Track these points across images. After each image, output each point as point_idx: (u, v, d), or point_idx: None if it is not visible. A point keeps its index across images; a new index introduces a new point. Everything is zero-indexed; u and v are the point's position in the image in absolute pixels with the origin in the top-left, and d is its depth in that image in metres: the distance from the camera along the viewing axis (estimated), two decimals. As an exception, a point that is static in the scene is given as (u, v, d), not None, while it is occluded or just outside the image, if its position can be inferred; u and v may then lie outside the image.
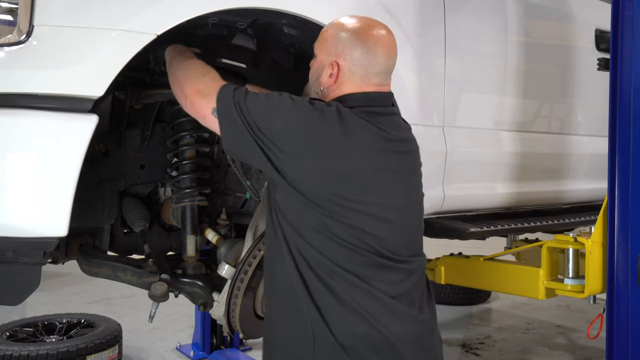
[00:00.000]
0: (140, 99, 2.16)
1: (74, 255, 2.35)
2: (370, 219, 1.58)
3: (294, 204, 1.57)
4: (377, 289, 1.58)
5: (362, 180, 1.58)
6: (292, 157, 1.54)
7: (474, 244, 3.06)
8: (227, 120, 1.57)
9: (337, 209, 1.55)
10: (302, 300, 1.58)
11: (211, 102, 1.60)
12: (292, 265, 1.59)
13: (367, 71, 1.64)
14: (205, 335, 4.27)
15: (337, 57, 1.64)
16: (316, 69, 1.71)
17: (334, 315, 1.56)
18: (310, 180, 1.54)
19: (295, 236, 1.58)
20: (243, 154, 1.62)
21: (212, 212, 2.59)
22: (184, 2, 1.68)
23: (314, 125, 1.55)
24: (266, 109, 1.56)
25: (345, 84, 1.65)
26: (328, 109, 1.57)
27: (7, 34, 1.51)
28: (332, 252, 1.56)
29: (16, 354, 3.26)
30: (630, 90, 2.11)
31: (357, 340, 1.56)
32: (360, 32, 1.64)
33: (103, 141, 2.33)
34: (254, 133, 1.54)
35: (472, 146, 2.55)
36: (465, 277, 3.06)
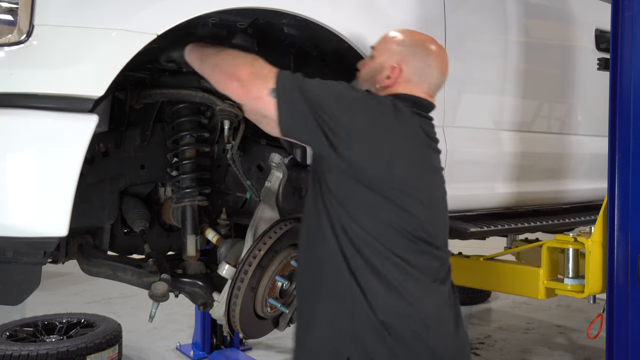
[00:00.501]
0: (140, 99, 2.16)
1: (74, 255, 2.35)
2: (418, 204, 1.69)
3: (348, 184, 1.65)
4: (419, 271, 1.69)
5: (414, 166, 1.71)
6: (352, 138, 1.61)
7: (474, 244, 3.06)
8: (287, 101, 1.62)
9: (390, 191, 1.65)
10: (343, 278, 1.66)
11: (268, 83, 1.64)
12: (335, 244, 1.67)
13: (422, 81, 1.80)
14: (205, 335, 4.27)
15: (400, 62, 1.79)
16: (372, 68, 1.83)
17: (376, 293, 1.64)
18: (368, 161, 1.64)
19: (343, 216, 1.66)
20: (300, 134, 1.68)
21: (212, 212, 2.59)
22: (184, 2, 1.68)
23: (373, 110, 1.66)
24: (328, 91, 1.65)
25: (399, 86, 1.79)
26: (383, 98, 1.71)
27: (7, 33, 1.51)
28: (380, 233, 1.65)
29: (16, 353, 3.26)
30: (630, 90, 2.11)
31: (396, 319, 1.65)
32: (424, 46, 1.83)
33: (103, 141, 2.33)
34: (316, 113, 1.60)
35: (472, 146, 2.55)
36: (465, 277, 3.06)
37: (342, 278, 1.67)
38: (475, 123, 2.57)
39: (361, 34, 2.02)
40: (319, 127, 1.61)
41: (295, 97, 1.62)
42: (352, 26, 2.01)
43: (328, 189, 1.69)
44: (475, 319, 5.34)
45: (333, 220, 1.68)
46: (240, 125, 2.30)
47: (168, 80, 2.22)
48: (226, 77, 1.75)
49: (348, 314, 1.66)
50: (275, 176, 2.37)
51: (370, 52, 1.88)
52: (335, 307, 1.69)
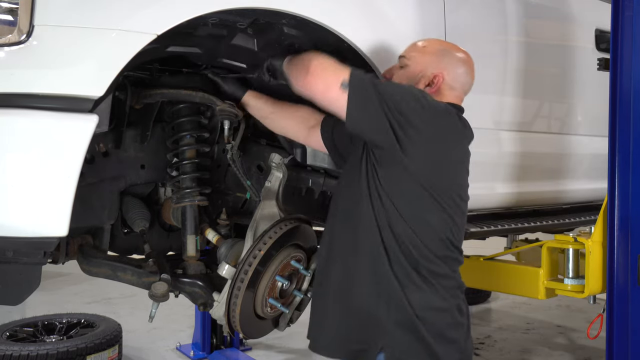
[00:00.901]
0: (140, 99, 2.16)
1: (74, 255, 2.35)
2: (458, 209, 1.79)
3: (404, 181, 1.70)
4: (451, 274, 1.79)
5: (459, 173, 1.83)
6: (421, 136, 1.68)
7: (474, 244, 3.06)
8: (360, 95, 1.67)
9: (444, 196, 1.73)
10: (382, 272, 1.72)
11: (339, 75, 1.70)
12: (378, 237, 1.73)
13: (462, 88, 1.91)
14: (205, 335, 4.27)
15: (442, 70, 1.86)
16: (410, 78, 1.87)
17: (413, 288, 1.71)
18: (430, 161, 1.71)
19: (391, 212, 1.71)
20: (368, 129, 1.71)
21: (212, 212, 2.59)
22: (184, 2, 1.68)
23: (444, 114, 1.75)
24: (401, 90, 1.72)
25: (444, 94, 1.87)
26: (449, 107, 1.80)
27: (7, 34, 1.51)
28: (424, 233, 1.72)
29: (16, 354, 3.26)
30: (630, 90, 2.11)
31: (431, 313, 1.72)
32: (461, 54, 1.92)
33: (103, 141, 2.33)
34: (389, 109, 1.65)
35: (471, 146, 2.54)
36: (465, 277, 3.04)
37: (382, 271, 1.72)
38: (474, 123, 2.56)
39: (361, 34, 2.02)
40: (390, 125, 1.65)
41: (370, 92, 1.67)
42: (352, 26, 2.00)
43: (379, 182, 1.72)
44: (475, 319, 5.34)
45: (378, 214, 1.72)
46: (240, 125, 2.30)
47: (168, 80, 2.22)
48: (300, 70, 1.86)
49: (385, 306, 1.72)
50: (275, 176, 2.37)
51: (401, 61, 1.92)
52: (372, 298, 1.74)
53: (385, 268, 1.71)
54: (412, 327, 1.70)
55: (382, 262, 1.72)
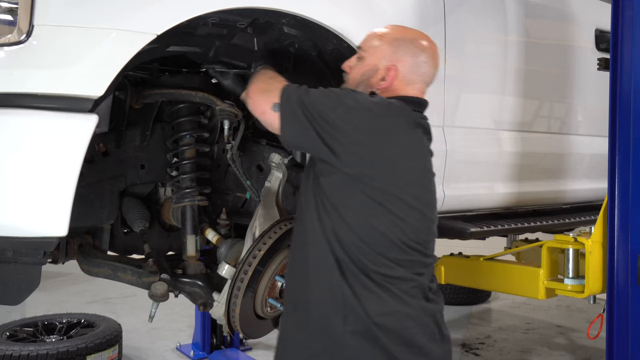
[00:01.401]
0: (140, 98, 2.16)
1: (74, 255, 2.35)
2: (412, 210, 1.69)
3: (344, 189, 1.65)
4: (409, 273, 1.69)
5: (410, 172, 1.70)
6: (350, 142, 1.62)
7: (474, 244, 3.06)
8: (288, 114, 1.67)
9: (387, 197, 1.64)
10: (334, 283, 1.67)
11: (271, 98, 1.70)
12: (327, 249, 1.67)
13: (418, 78, 1.79)
14: (205, 335, 4.27)
15: (395, 62, 1.76)
16: (365, 71, 1.80)
17: (368, 296, 1.64)
18: (366, 166, 1.64)
19: (336, 221, 1.66)
20: (302, 144, 1.73)
21: (212, 212, 2.59)
22: (184, 2, 1.68)
23: (374, 115, 1.65)
24: (328, 98, 1.67)
25: (398, 87, 1.77)
26: (387, 101, 1.70)
27: (7, 33, 1.51)
28: (373, 239, 1.65)
29: (16, 354, 3.26)
30: (630, 90, 2.11)
31: (389, 319, 1.65)
32: (416, 43, 1.79)
33: (103, 141, 2.33)
34: (315, 122, 1.63)
35: (472, 146, 2.55)
36: (465, 277, 3.06)
37: (334, 282, 1.66)
38: (475, 123, 2.57)
39: (361, 34, 2.02)
40: (319, 136, 1.63)
41: (296, 109, 1.65)
42: (351, 26, 2.00)
43: (323, 193, 1.68)
44: (475, 319, 5.34)
45: (325, 224, 1.68)
46: (240, 125, 2.30)
47: (168, 80, 2.22)
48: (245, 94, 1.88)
49: (340, 318, 1.66)
50: (275, 176, 2.37)
51: (359, 52, 1.84)
52: (327, 311, 1.68)
53: (337, 278, 1.66)
54: (370, 335, 1.64)
55: (334, 273, 1.66)
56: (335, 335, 1.67)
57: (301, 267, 1.78)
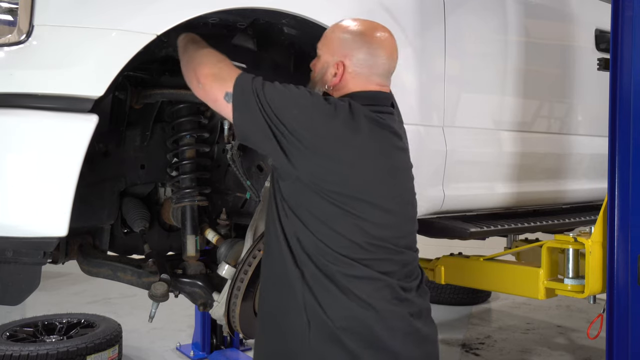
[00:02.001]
0: (140, 99, 2.16)
1: (74, 255, 2.35)
2: (375, 209, 1.64)
3: (300, 192, 1.62)
4: (376, 276, 1.64)
5: (369, 172, 1.65)
6: (304, 146, 1.57)
7: (474, 244, 3.06)
8: (243, 105, 1.60)
9: (344, 199, 1.60)
10: (297, 288, 1.63)
11: (225, 87, 1.63)
12: (289, 254, 1.64)
13: (370, 71, 1.71)
14: (205, 335, 4.27)
15: (343, 57, 1.71)
16: (320, 68, 1.76)
17: (332, 300, 1.61)
18: (321, 169, 1.60)
19: (296, 225, 1.63)
20: (254, 139, 1.66)
21: (212, 212, 2.59)
22: (184, 2, 1.68)
23: (329, 117, 1.60)
24: (284, 97, 1.61)
25: (349, 83, 1.72)
26: (341, 103, 1.63)
27: (7, 34, 1.51)
28: (334, 241, 1.61)
29: (16, 354, 3.26)
30: (630, 90, 2.11)
31: (354, 322, 1.61)
32: (364, 35, 1.72)
33: (103, 141, 2.33)
34: (270, 119, 1.57)
35: (472, 146, 2.55)
36: (465, 277, 3.06)
37: (296, 286, 1.64)
38: (475, 123, 2.57)
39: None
40: (272, 133, 1.58)
41: (251, 104, 1.59)
42: (352, 26, 2.00)
43: (282, 197, 1.65)
44: (475, 319, 5.34)
45: (286, 228, 1.65)
46: (240, 125, 2.30)
47: (168, 80, 2.22)
48: (191, 74, 1.74)
49: (304, 323, 1.63)
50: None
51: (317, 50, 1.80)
52: (291, 317, 1.66)
53: (299, 283, 1.63)
54: (336, 340, 1.60)
55: (296, 278, 1.63)
56: (300, 340, 1.64)
57: (268, 273, 1.75)
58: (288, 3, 1.85)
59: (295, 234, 1.64)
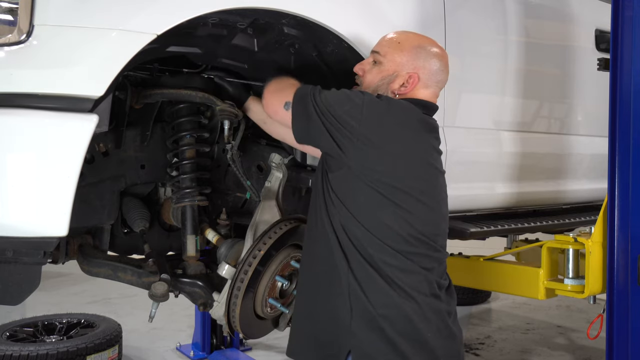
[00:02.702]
0: (140, 98, 2.16)
1: (74, 255, 2.35)
2: (419, 204, 1.73)
3: (350, 182, 1.71)
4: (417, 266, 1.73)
5: (417, 168, 1.76)
6: (355, 137, 1.67)
7: (474, 244, 3.06)
8: (300, 111, 1.75)
9: (392, 190, 1.70)
10: (342, 274, 1.72)
11: (284, 98, 1.83)
12: (335, 241, 1.73)
13: (436, 85, 1.87)
14: (205, 335, 4.27)
15: (417, 69, 1.82)
16: (385, 76, 1.84)
17: (374, 287, 1.69)
18: (371, 159, 1.69)
19: (343, 214, 1.72)
20: (311, 138, 1.78)
21: (212, 212, 2.59)
22: (184, 2, 1.68)
23: (381, 111, 1.71)
24: (337, 95, 1.75)
25: (416, 92, 1.84)
26: (394, 100, 1.77)
27: (7, 33, 1.51)
28: (380, 230, 1.70)
29: (16, 354, 3.26)
30: (630, 90, 2.11)
31: (394, 310, 1.69)
32: (432, 50, 1.86)
33: (103, 141, 2.33)
34: (324, 116, 1.70)
35: (472, 146, 2.55)
36: (465, 277, 3.06)
37: (341, 273, 1.72)
38: (475, 123, 2.57)
39: (361, 34, 2.02)
40: (327, 130, 1.70)
41: (307, 105, 1.73)
42: (351, 26, 2.01)
43: (330, 187, 1.74)
44: (475, 319, 5.34)
45: (333, 217, 1.74)
46: (240, 125, 2.30)
47: (168, 80, 2.22)
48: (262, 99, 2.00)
49: (347, 308, 1.71)
50: (275, 176, 2.37)
51: (374, 56, 1.87)
52: (334, 302, 1.74)
53: (344, 270, 1.71)
54: (376, 327, 1.68)
55: (341, 264, 1.72)
56: (342, 325, 1.72)
57: (311, 260, 1.85)
58: (288, 3, 1.85)
59: (342, 223, 1.72)
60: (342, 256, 1.72)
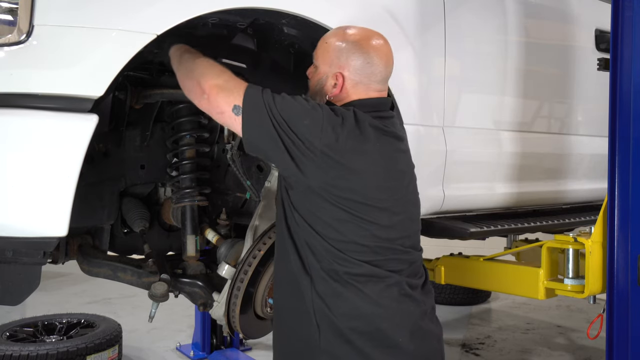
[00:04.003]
0: (140, 99, 2.16)
1: (74, 255, 2.35)
2: (383, 213, 1.68)
3: (311, 200, 1.65)
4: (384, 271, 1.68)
5: (378, 178, 1.68)
6: (316, 155, 1.60)
7: (474, 244, 3.06)
8: (253, 118, 1.62)
9: (354, 205, 1.64)
10: (306, 294, 1.68)
11: (232, 99, 1.63)
12: (298, 261, 1.69)
13: (369, 80, 1.75)
14: (205, 335, 4.27)
15: (341, 68, 1.74)
16: (319, 79, 1.79)
17: (339, 302, 1.65)
18: (331, 177, 1.62)
19: (306, 230, 1.67)
20: (264, 150, 1.67)
21: (212, 212, 2.59)
22: (184, 2, 1.68)
23: (338, 127, 1.62)
24: (295, 108, 1.63)
25: (350, 92, 1.75)
26: (347, 113, 1.66)
27: (7, 34, 1.51)
28: (344, 244, 1.65)
29: (16, 354, 3.26)
30: (630, 90, 2.11)
31: (362, 321, 1.65)
32: (360, 43, 1.74)
33: (103, 141, 2.33)
34: (282, 130, 1.60)
35: (472, 146, 2.55)
36: (465, 277, 3.06)
37: (305, 292, 1.68)
38: (475, 123, 2.57)
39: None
40: (283, 143, 1.60)
41: (263, 116, 1.60)
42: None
43: (292, 205, 1.69)
44: (475, 319, 5.34)
45: (297, 236, 1.69)
46: (240, 125, 2.30)
47: (168, 80, 2.22)
48: (192, 85, 1.73)
49: (314, 326, 1.67)
50: (275, 176, 2.37)
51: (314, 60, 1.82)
52: (301, 321, 1.70)
53: (307, 289, 1.68)
54: (345, 340, 1.64)
55: (304, 284, 1.68)
56: (311, 343, 1.68)
57: (280, 278, 1.81)
58: (288, 3, 1.85)
59: (305, 239, 1.67)
60: (305, 275, 1.68)
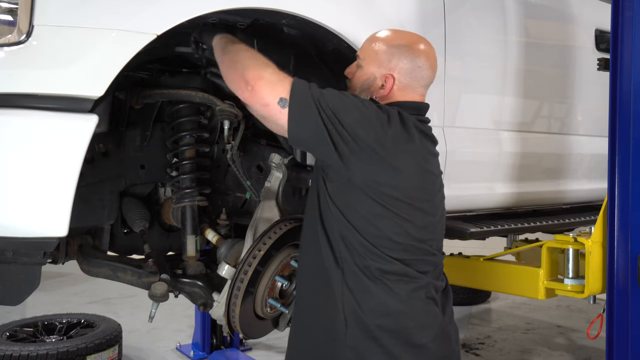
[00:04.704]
0: (140, 99, 2.16)
1: (74, 255, 2.35)
2: (418, 212, 1.71)
3: (351, 193, 1.66)
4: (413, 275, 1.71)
5: (417, 178, 1.72)
6: (362, 149, 1.61)
7: (474, 244, 3.06)
8: (301, 110, 1.62)
9: (394, 202, 1.66)
10: (335, 286, 1.69)
11: (278, 92, 1.63)
12: (330, 253, 1.70)
13: (417, 83, 1.79)
14: (205, 335, 4.27)
15: (391, 70, 1.77)
16: (366, 79, 1.81)
17: (369, 296, 1.67)
18: (375, 172, 1.64)
19: (342, 223, 1.68)
20: (309, 143, 1.68)
21: (212, 212, 2.59)
22: (184, 2, 1.68)
23: (384, 123, 1.65)
24: (344, 101, 1.65)
25: (396, 94, 1.79)
26: (392, 111, 1.70)
27: (7, 34, 1.51)
28: (379, 240, 1.67)
29: (16, 354, 3.27)
30: (630, 90, 2.11)
31: (389, 319, 1.67)
32: (411, 47, 1.78)
33: (103, 141, 2.33)
34: (330, 123, 1.60)
35: (472, 146, 2.55)
36: (465, 277, 3.06)
37: (335, 285, 1.70)
38: (475, 123, 2.57)
39: (361, 34, 2.02)
40: (331, 139, 1.61)
41: (311, 109, 1.61)
42: (352, 26, 2.00)
43: (329, 197, 1.70)
44: (475, 319, 5.34)
45: (331, 228, 1.71)
46: (240, 125, 2.30)
47: (168, 80, 2.22)
48: (237, 77, 1.72)
49: (341, 320, 1.69)
50: (275, 176, 2.37)
51: (357, 59, 1.84)
52: (328, 314, 1.71)
53: (338, 282, 1.69)
54: (372, 336, 1.66)
55: (336, 275, 1.69)
56: (337, 337, 1.69)
57: (307, 270, 1.82)
58: (288, 3, 1.85)
59: (340, 231, 1.69)
60: (337, 268, 1.69)
